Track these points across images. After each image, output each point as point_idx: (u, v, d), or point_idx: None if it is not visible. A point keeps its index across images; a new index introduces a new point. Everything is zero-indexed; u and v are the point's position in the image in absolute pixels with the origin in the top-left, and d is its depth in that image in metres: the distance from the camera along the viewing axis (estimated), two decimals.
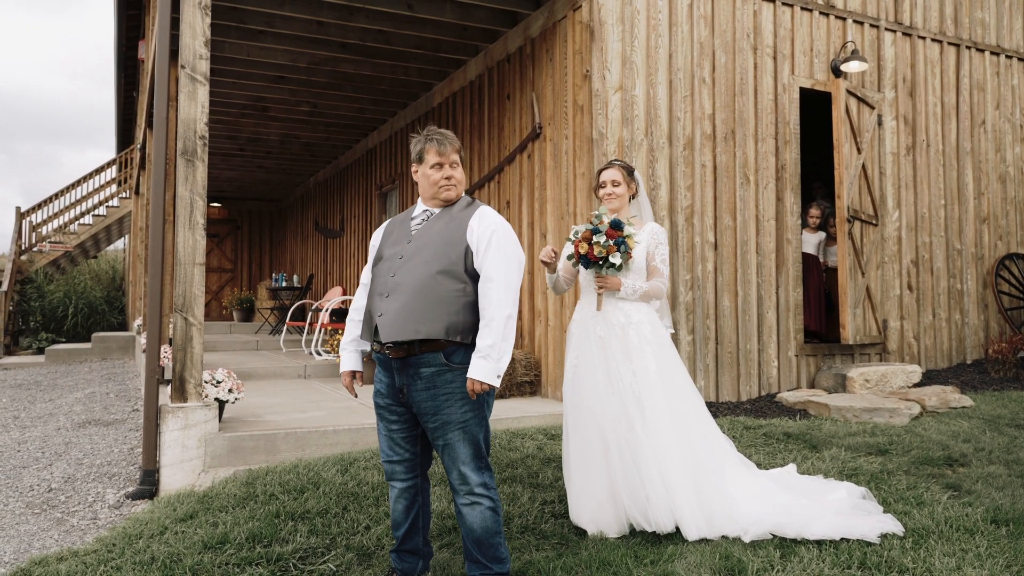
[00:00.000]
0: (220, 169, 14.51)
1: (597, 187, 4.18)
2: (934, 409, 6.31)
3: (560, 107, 6.83)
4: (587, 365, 3.92)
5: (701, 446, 3.82)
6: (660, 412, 3.76)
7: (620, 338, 3.86)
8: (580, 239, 3.82)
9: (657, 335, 3.91)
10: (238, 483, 4.66)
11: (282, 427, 5.27)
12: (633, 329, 3.85)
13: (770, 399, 6.85)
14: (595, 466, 3.84)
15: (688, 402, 3.89)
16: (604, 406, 3.81)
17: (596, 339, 3.93)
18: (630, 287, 3.89)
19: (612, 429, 3.78)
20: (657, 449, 3.72)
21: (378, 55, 8.29)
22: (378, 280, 3.16)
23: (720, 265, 6.82)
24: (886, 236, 7.75)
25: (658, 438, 3.74)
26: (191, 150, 5.01)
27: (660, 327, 3.97)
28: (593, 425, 3.83)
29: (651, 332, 3.88)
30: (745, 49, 7.07)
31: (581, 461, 3.88)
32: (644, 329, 3.87)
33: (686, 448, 3.77)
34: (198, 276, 4.98)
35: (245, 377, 8.31)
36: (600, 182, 4.14)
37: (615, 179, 4.10)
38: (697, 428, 3.88)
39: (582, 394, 3.90)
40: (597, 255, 3.78)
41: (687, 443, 3.78)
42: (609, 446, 3.79)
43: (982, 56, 8.53)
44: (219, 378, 5.30)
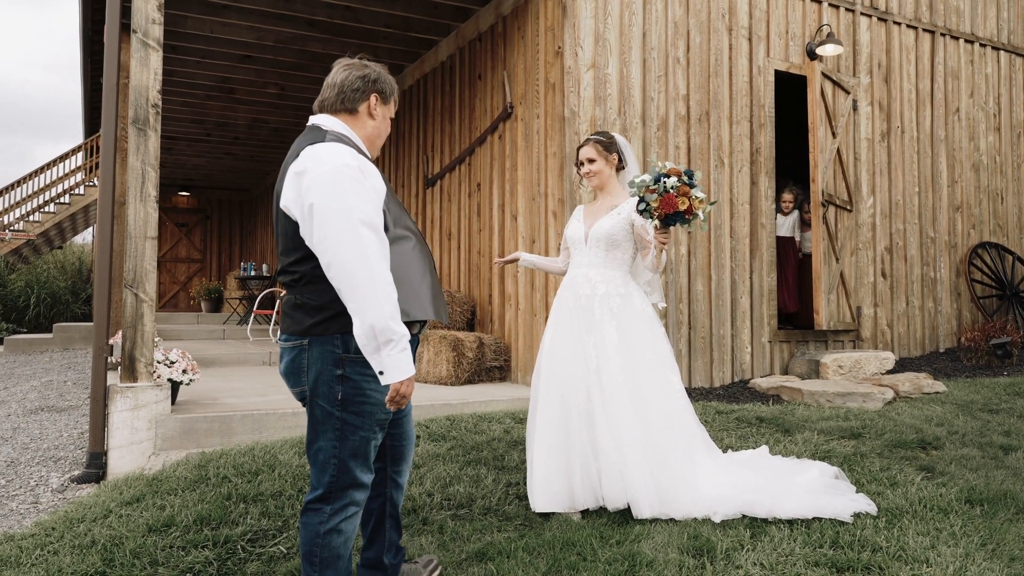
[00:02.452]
0: (187, 155, 14.18)
1: (577, 165, 4.02)
2: (907, 395, 6.24)
3: (532, 86, 6.67)
4: (562, 332, 3.83)
5: (664, 423, 3.68)
6: (618, 385, 3.63)
7: (586, 307, 3.76)
8: (676, 194, 3.39)
9: (631, 307, 3.78)
10: (190, 466, 4.45)
11: (239, 409, 5.06)
12: (598, 301, 3.75)
13: (743, 385, 6.75)
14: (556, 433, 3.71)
15: (655, 377, 3.74)
16: (569, 374, 3.71)
17: (567, 309, 3.82)
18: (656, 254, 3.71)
19: (574, 398, 3.68)
20: (613, 422, 3.60)
21: (347, 33, 8.07)
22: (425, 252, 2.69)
23: (693, 248, 6.70)
24: (860, 222, 7.68)
25: (616, 412, 3.61)
26: (143, 119, 4.78)
27: (639, 299, 3.83)
28: (558, 393, 3.72)
29: (620, 305, 3.75)
30: (720, 29, 6.95)
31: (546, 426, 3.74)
32: (613, 302, 3.74)
33: (646, 424, 3.63)
34: (149, 250, 4.76)
35: (207, 364, 8.07)
36: (578, 160, 3.98)
37: (588, 156, 3.92)
38: (661, 405, 3.72)
39: (553, 362, 3.79)
40: (696, 209, 3.40)
41: (646, 419, 3.64)
42: (571, 415, 3.68)
43: (956, 44, 8.50)
44: (173, 358, 5.08)
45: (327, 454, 2.34)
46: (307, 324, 2.31)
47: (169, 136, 12.69)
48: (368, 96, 2.48)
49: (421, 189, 9.01)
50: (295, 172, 2.27)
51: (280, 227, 2.38)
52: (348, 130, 2.45)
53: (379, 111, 2.52)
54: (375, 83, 2.50)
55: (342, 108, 2.47)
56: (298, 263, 2.32)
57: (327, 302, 2.28)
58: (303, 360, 2.33)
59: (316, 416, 2.36)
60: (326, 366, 2.30)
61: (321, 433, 2.35)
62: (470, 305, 7.53)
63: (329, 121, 2.45)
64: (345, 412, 2.32)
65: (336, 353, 2.30)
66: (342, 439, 2.33)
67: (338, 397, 2.30)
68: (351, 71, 2.49)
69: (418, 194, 9.11)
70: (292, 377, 2.39)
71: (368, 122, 2.50)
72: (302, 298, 2.33)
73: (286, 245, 2.36)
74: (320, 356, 2.30)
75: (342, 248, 2.16)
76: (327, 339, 2.30)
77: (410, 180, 9.35)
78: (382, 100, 2.53)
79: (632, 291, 3.81)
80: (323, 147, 2.28)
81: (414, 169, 9.24)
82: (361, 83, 2.47)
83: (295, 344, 2.36)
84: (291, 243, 2.33)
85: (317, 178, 2.21)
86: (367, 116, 2.50)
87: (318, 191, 2.20)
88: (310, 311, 2.31)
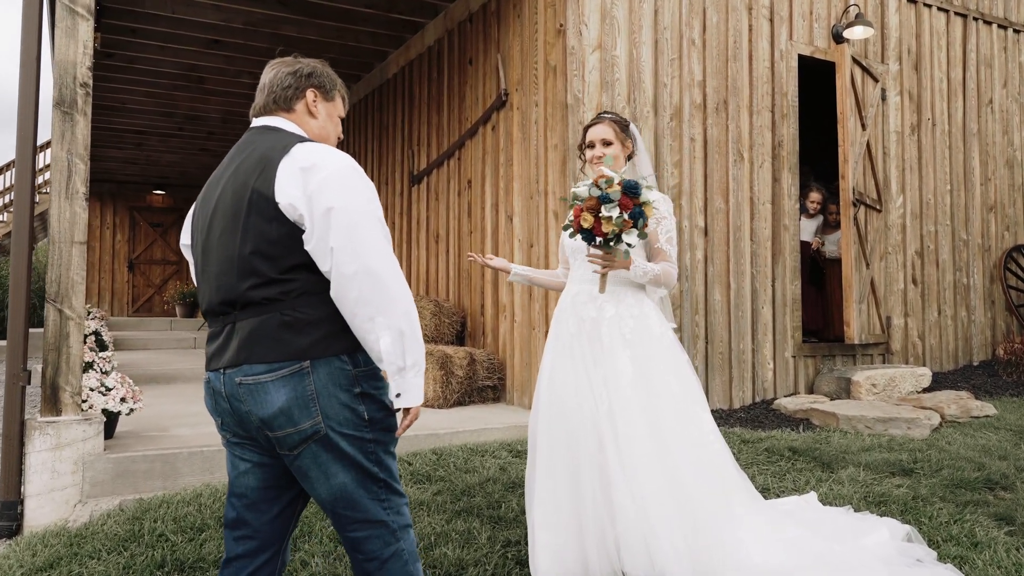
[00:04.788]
0: (160, 152, 13.35)
1: (583, 148, 3.28)
2: (954, 418, 5.53)
3: (529, 69, 5.92)
4: (561, 365, 3.09)
5: (696, 476, 2.93)
6: (636, 431, 2.89)
7: (592, 333, 3.03)
8: (584, 208, 2.87)
9: (647, 331, 3.03)
10: (123, 518, 3.69)
11: (187, 444, 4.29)
12: (606, 325, 3.01)
13: (766, 406, 6.03)
14: (562, 493, 2.97)
15: (682, 418, 3.00)
16: (575, 417, 2.98)
17: (567, 335, 3.09)
18: (640, 268, 3.01)
19: (583, 447, 2.94)
20: (632, 477, 2.85)
21: (323, 15, 7.30)
22: None
23: (711, 253, 5.97)
24: (890, 224, 6.98)
25: (636, 464, 2.87)
26: (69, 100, 4.01)
27: (656, 320, 3.10)
28: (562, 440, 2.98)
29: (635, 328, 3.01)
30: (739, 8, 6.23)
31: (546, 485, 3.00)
32: (625, 326, 3.00)
33: (674, 478, 2.88)
34: (77, 257, 3.99)
35: (167, 381, 7.28)
36: (587, 141, 3.25)
37: (606, 137, 3.20)
38: (692, 452, 2.97)
39: (554, 403, 3.05)
40: (607, 232, 2.84)
41: (675, 472, 2.89)
42: (580, 469, 2.93)
43: (989, 29, 7.81)
44: (109, 384, 4.31)
45: (370, 484, 2.02)
46: (304, 344, 1.94)
47: (138, 131, 11.88)
48: (303, 93, 2.18)
49: (406, 187, 8.24)
50: (301, 168, 1.94)
51: (254, 232, 1.96)
52: (298, 129, 2.15)
53: (321, 108, 2.21)
54: (309, 77, 2.19)
55: (277, 108, 2.17)
56: (291, 272, 1.96)
57: (325, 316, 1.96)
58: (307, 388, 1.94)
59: (340, 451, 1.97)
60: (340, 388, 1.96)
61: (352, 468, 1.99)
62: (460, 316, 6.77)
63: (275, 120, 2.16)
64: (375, 431, 2.02)
65: (347, 370, 1.97)
66: (378, 461, 2.03)
67: (364, 417, 1.99)
68: (279, 68, 2.20)
69: (402, 192, 8.34)
70: (296, 413, 1.94)
71: (310, 121, 2.19)
72: (293, 314, 1.95)
73: (271, 252, 1.95)
74: (330, 378, 1.96)
75: (373, 254, 1.92)
76: (333, 358, 1.96)
77: (394, 177, 8.58)
78: (323, 96, 2.21)
79: (648, 311, 3.07)
80: (318, 145, 2.01)
81: (398, 165, 8.47)
82: (292, 79, 2.17)
83: (291, 371, 1.93)
84: (281, 249, 1.95)
85: (331, 177, 1.93)
86: (307, 115, 2.19)
87: (335, 192, 1.92)
88: (304, 328, 1.95)
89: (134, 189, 16.52)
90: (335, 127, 2.25)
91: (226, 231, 2.01)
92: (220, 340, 2.03)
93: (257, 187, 1.96)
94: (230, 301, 1.99)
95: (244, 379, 1.95)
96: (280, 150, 1.99)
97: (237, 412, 2.00)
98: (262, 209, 1.95)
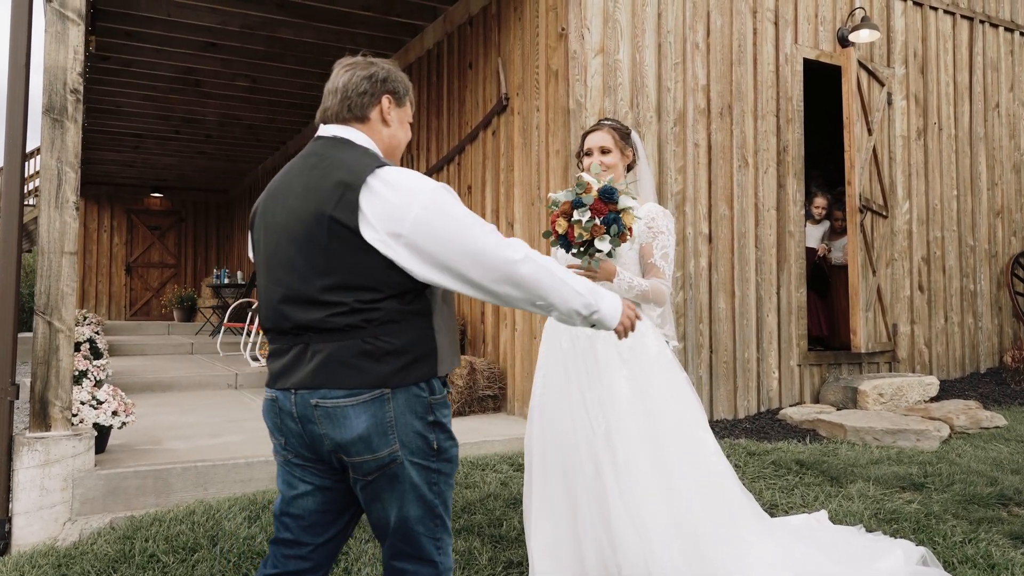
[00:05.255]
0: (157, 155, 13.24)
1: (581, 156, 3.17)
2: (963, 429, 5.43)
3: (531, 74, 5.82)
4: (554, 385, 2.95)
5: (699, 501, 2.82)
6: (635, 455, 2.76)
7: (586, 351, 2.87)
8: (558, 213, 2.79)
9: (644, 349, 2.90)
10: (113, 537, 3.59)
11: (180, 459, 4.19)
12: (602, 343, 2.85)
13: (771, 416, 5.93)
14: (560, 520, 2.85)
15: (682, 439, 2.88)
16: (570, 441, 2.85)
17: (560, 352, 2.94)
18: (626, 281, 2.89)
19: (579, 472, 2.81)
20: (632, 504, 2.72)
21: (321, 17, 7.20)
22: None
23: (715, 261, 5.87)
24: (896, 230, 6.88)
25: (636, 490, 2.74)
26: (59, 107, 3.90)
27: (653, 338, 2.97)
28: (557, 464, 2.85)
29: (631, 347, 2.85)
30: (744, 11, 6.13)
31: (543, 511, 2.88)
32: (622, 344, 2.83)
33: (677, 504, 2.76)
34: (67, 268, 3.88)
35: (164, 388, 7.18)
36: (585, 149, 3.14)
37: (604, 145, 3.09)
38: (694, 476, 2.85)
39: (547, 425, 2.94)
40: (577, 237, 2.72)
41: (677, 497, 2.78)
42: (577, 495, 2.80)
43: (996, 32, 7.71)
44: (101, 397, 4.21)
45: (428, 520, 2.00)
46: (382, 372, 1.91)
47: (134, 134, 11.78)
48: (379, 99, 2.09)
49: None
50: (388, 199, 1.87)
51: (337, 262, 1.90)
52: (370, 143, 2.07)
53: (394, 116, 2.13)
54: (385, 83, 2.10)
55: (351, 116, 2.07)
56: (375, 301, 1.91)
57: (405, 345, 1.93)
58: (387, 415, 1.92)
59: (409, 480, 1.96)
60: (416, 415, 1.95)
61: (416, 501, 1.97)
62: (459, 324, 6.66)
63: (348, 132, 2.06)
64: (440, 461, 2.02)
65: (423, 397, 1.96)
66: (439, 494, 2.02)
67: (434, 447, 1.99)
68: (354, 71, 2.09)
69: None
70: (375, 440, 1.92)
71: (383, 130, 2.11)
72: (375, 342, 1.90)
73: (356, 283, 1.90)
74: (407, 406, 1.94)
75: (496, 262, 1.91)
76: (410, 384, 1.94)
77: None
78: (396, 102, 2.13)
79: (644, 328, 2.91)
80: (398, 173, 1.91)
81: None
82: (368, 84, 2.08)
83: (372, 396, 1.91)
84: (367, 280, 1.90)
85: (425, 208, 1.87)
86: (380, 123, 2.11)
87: (435, 223, 1.87)
88: (384, 357, 1.91)
89: (132, 192, 16.41)
90: (406, 134, 2.19)
91: (301, 256, 1.94)
92: (289, 359, 1.96)
93: (337, 216, 1.88)
94: (305, 325, 1.93)
95: (322, 402, 1.91)
96: (359, 174, 1.90)
97: (310, 434, 1.96)
98: (345, 239, 1.88)
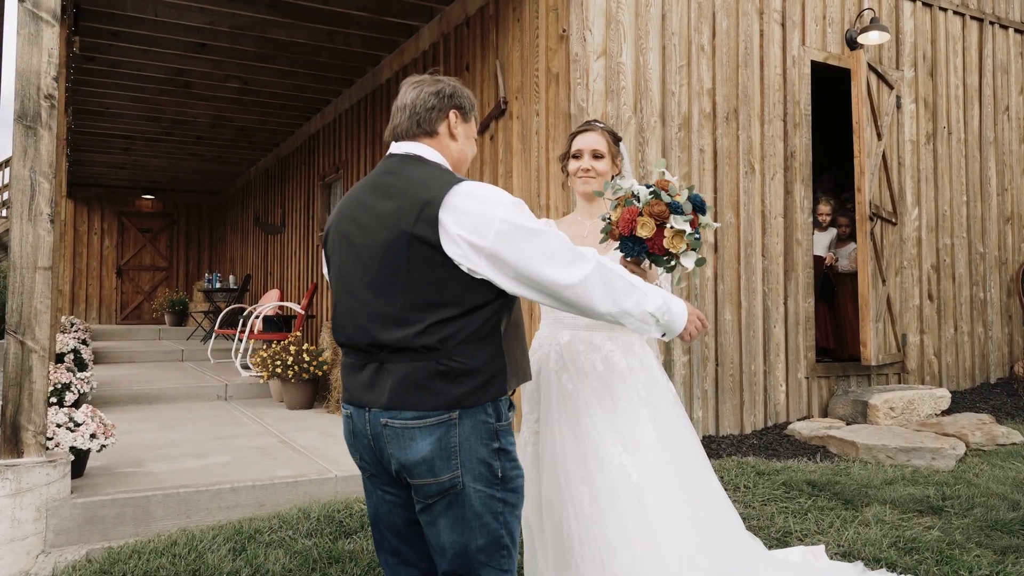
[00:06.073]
0: (147, 156, 13.00)
1: (567, 159, 2.78)
2: (979, 446, 5.24)
3: (530, 77, 5.61)
4: (556, 434, 2.48)
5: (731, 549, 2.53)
6: (672, 507, 2.35)
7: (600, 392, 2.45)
8: (647, 213, 2.34)
9: (655, 384, 2.56)
10: (89, 571, 3.37)
11: (162, 484, 3.97)
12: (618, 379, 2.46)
13: (779, 431, 5.73)
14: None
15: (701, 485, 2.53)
16: (592, 502, 2.35)
17: (562, 394, 2.50)
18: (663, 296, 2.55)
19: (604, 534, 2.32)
20: (671, 557, 2.31)
21: (313, 18, 6.98)
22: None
23: (721, 271, 5.67)
24: (905, 237, 6.69)
25: (671, 540, 2.32)
26: (32, 113, 3.68)
27: (660, 368, 2.63)
28: (574, 531, 2.36)
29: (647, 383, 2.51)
30: (750, 12, 5.93)
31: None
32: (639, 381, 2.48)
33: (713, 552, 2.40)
34: (41, 285, 3.66)
35: (150, 400, 6.96)
36: (574, 151, 2.75)
37: (598, 148, 2.70)
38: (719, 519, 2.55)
39: (558, 487, 2.45)
40: (674, 249, 2.34)
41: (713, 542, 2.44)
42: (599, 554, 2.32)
43: (1006, 33, 7.53)
44: (78, 419, 3.99)
45: (492, 550, 1.96)
46: (457, 394, 1.92)
47: (124, 135, 11.54)
48: (446, 114, 2.12)
49: None
50: (467, 215, 1.89)
51: (418, 281, 1.92)
52: (440, 158, 2.09)
53: (460, 130, 2.15)
54: (451, 98, 2.13)
55: (420, 132, 2.10)
56: (453, 320, 1.91)
57: (480, 365, 1.93)
58: (452, 439, 1.92)
59: (471, 508, 1.93)
60: (481, 441, 1.94)
61: (478, 529, 1.94)
62: None
63: (419, 148, 2.08)
64: (505, 490, 1.98)
65: (490, 423, 1.95)
66: (505, 524, 1.98)
67: (498, 475, 1.96)
68: (421, 88, 2.12)
69: None
70: (437, 464, 1.92)
71: (451, 144, 2.14)
72: (449, 363, 1.91)
73: (436, 300, 1.91)
74: (473, 431, 1.94)
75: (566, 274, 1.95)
76: (479, 409, 1.94)
77: None
78: (462, 117, 2.16)
79: (652, 358, 2.59)
80: (477, 188, 1.94)
81: None
82: (435, 99, 2.10)
83: (438, 420, 1.91)
84: (447, 297, 1.91)
85: (504, 221, 1.89)
86: (448, 138, 2.14)
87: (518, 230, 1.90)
88: (459, 378, 1.91)
89: (122, 194, 16.16)
90: (472, 148, 2.22)
91: (380, 274, 1.94)
92: (365, 376, 1.98)
93: (418, 233, 1.90)
94: (381, 344, 1.94)
95: (391, 421, 1.92)
96: (439, 190, 1.91)
97: (379, 452, 1.98)
98: (426, 256, 1.89)
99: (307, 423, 6.02)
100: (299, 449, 4.97)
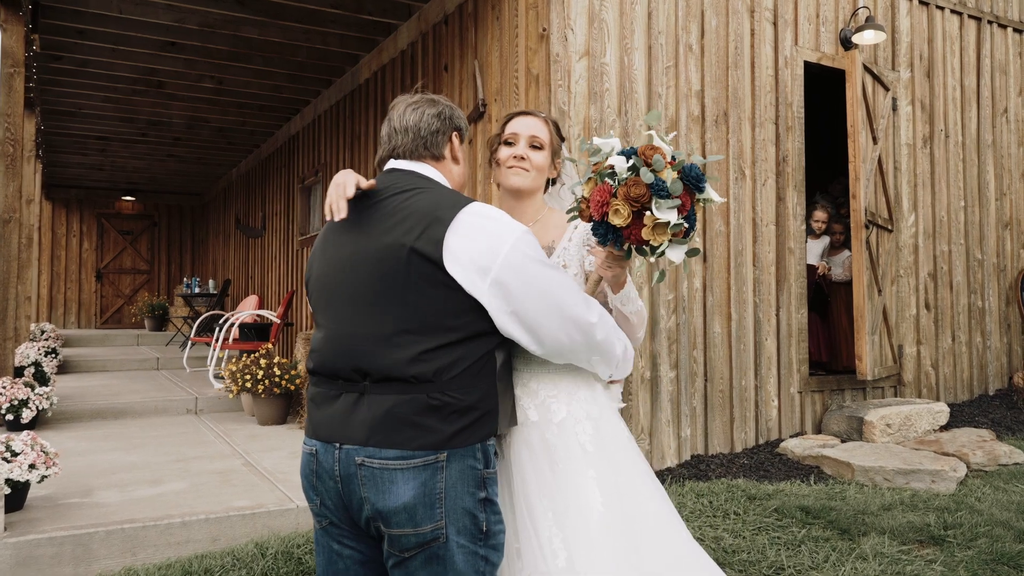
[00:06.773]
0: (124, 158, 12.67)
1: (496, 146, 2.25)
2: (980, 467, 5.00)
3: (509, 78, 5.34)
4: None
5: None
6: None
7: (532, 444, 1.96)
8: (623, 196, 1.83)
9: (612, 437, 2.03)
10: None
11: (107, 520, 3.68)
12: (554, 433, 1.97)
13: (771, 449, 5.47)
14: None
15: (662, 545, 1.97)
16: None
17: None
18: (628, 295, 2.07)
19: None
20: None
21: (287, 15, 6.69)
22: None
23: (710, 281, 5.41)
24: (901, 244, 6.44)
25: None
26: None
27: (615, 417, 2.09)
28: None
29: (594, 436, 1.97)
30: (740, 11, 5.66)
31: None
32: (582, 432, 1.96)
33: None
34: None
35: (115, 415, 6.66)
36: (506, 136, 2.21)
37: (537, 135, 2.18)
38: None
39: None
40: (653, 242, 1.85)
41: None
42: None
43: (1004, 33, 7.29)
44: (16, 448, 3.69)
45: None
46: (448, 433, 1.71)
47: (99, 136, 11.21)
48: (449, 136, 1.99)
49: None
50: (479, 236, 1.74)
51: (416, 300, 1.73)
52: (444, 180, 1.96)
53: (460, 153, 2.03)
54: (451, 120, 2.00)
55: (427, 155, 1.95)
56: (451, 347, 1.73)
57: (475, 401, 1.74)
58: (438, 485, 1.70)
59: (452, 565, 1.71)
60: (467, 489, 1.73)
61: None
62: None
63: (424, 168, 1.94)
64: (487, 547, 1.77)
65: (478, 469, 1.75)
66: None
67: (483, 529, 1.76)
68: (423, 109, 1.97)
69: None
70: (419, 512, 1.68)
71: (454, 168, 2.01)
72: (442, 397, 1.71)
73: (435, 323, 1.72)
74: (460, 477, 1.72)
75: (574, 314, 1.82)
76: (467, 451, 1.73)
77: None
78: (461, 139, 2.04)
79: (604, 406, 2.06)
80: (486, 207, 1.82)
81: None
82: (439, 122, 1.97)
83: (424, 462, 1.69)
84: (448, 320, 1.73)
85: (513, 250, 1.75)
86: (451, 161, 2.00)
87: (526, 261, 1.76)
88: (451, 415, 1.71)
89: (102, 195, 15.81)
90: (468, 171, 2.02)
91: (372, 291, 1.75)
92: (338, 408, 1.75)
93: (419, 248, 1.72)
94: (365, 371, 1.72)
95: (368, 461, 1.69)
96: (449, 208, 1.76)
97: (349, 495, 1.73)
98: (425, 273, 1.71)
99: (276, 441, 5.74)
100: (263, 473, 4.69)
